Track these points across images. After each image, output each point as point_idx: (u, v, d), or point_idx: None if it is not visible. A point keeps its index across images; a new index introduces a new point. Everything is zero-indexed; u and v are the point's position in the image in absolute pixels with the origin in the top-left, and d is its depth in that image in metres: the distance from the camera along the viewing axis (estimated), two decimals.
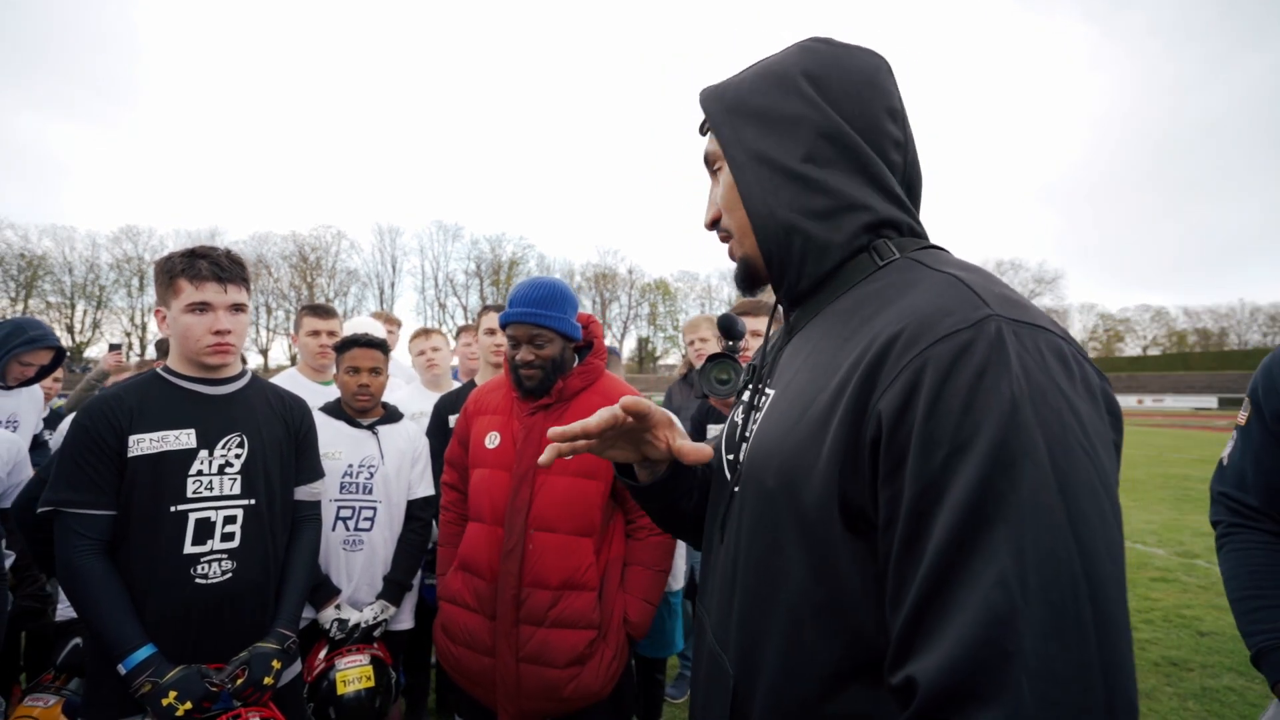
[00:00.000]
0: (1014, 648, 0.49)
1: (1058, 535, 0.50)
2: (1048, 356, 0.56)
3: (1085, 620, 0.49)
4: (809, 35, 0.83)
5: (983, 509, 0.52)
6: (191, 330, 1.58)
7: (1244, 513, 1.31)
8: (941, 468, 0.54)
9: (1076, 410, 0.54)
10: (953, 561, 0.52)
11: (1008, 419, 0.52)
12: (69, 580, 1.46)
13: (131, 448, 1.52)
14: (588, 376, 1.90)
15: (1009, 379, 0.54)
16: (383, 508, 2.37)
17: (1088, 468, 0.53)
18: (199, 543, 1.55)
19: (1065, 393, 0.54)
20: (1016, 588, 0.49)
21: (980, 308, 0.58)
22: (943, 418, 0.55)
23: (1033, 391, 0.53)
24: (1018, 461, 0.52)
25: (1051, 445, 0.52)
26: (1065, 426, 0.53)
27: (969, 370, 0.55)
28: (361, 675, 2.05)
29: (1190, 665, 3.73)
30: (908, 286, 0.67)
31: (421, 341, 3.29)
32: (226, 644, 1.57)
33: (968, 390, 0.54)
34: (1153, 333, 78.46)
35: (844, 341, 0.68)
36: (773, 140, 0.76)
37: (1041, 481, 0.51)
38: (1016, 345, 0.55)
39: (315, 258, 65.46)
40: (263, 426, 1.71)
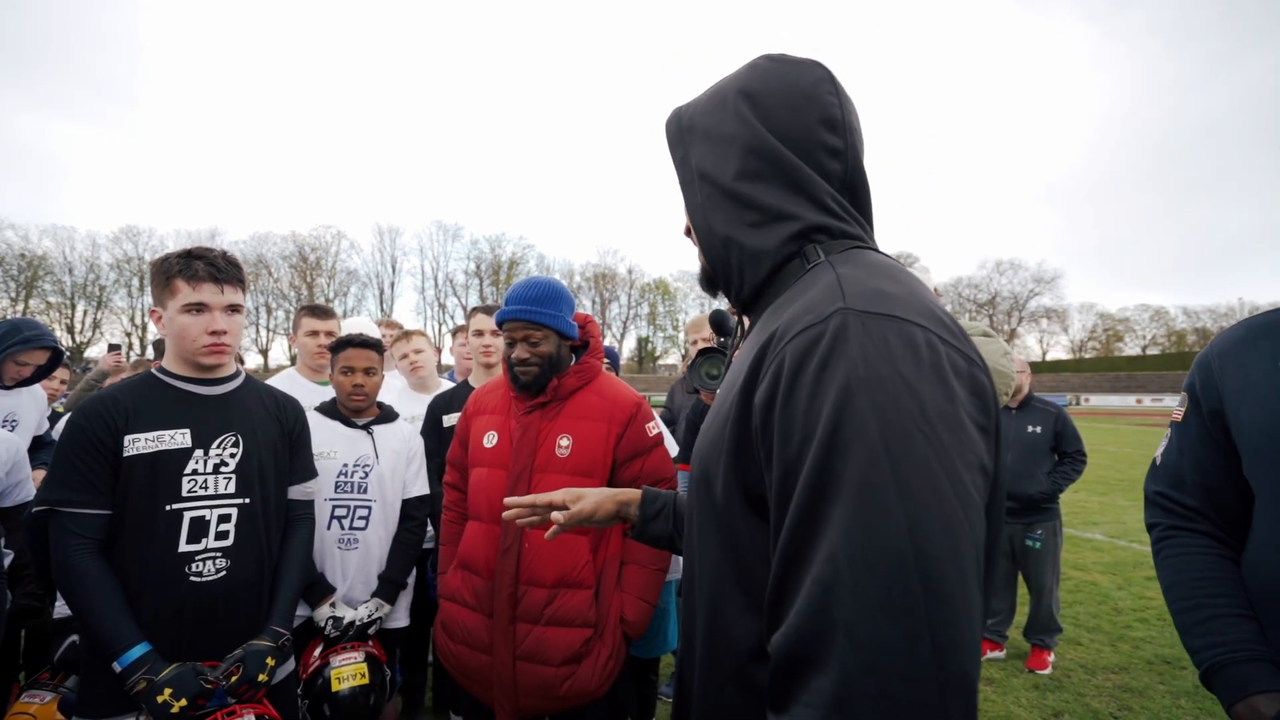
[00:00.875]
0: (840, 617, 0.53)
1: (886, 512, 0.54)
2: (893, 344, 0.59)
3: (913, 593, 0.52)
4: (762, 54, 0.86)
5: (822, 490, 0.56)
6: (188, 330, 1.59)
7: (1181, 514, 1.21)
8: (796, 454, 0.59)
9: (917, 393, 0.57)
10: (798, 540, 0.58)
11: (842, 405, 0.57)
12: (64, 579, 1.48)
13: (127, 447, 1.54)
14: (584, 375, 1.91)
15: (846, 367, 0.58)
16: (378, 507, 2.39)
17: (922, 448, 0.55)
18: (194, 541, 1.56)
19: (906, 378, 0.57)
20: (844, 562, 0.54)
21: (835, 302, 0.63)
22: (794, 407, 0.60)
23: (870, 378, 0.57)
24: (850, 444, 0.56)
25: (885, 428, 0.55)
26: (901, 410, 0.56)
27: (814, 362, 0.60)
28: (356, 673, 2.06)
29: (1183, 663, 3.75)
30: (805, 287, 0.72)
31: (404, 344, 3.26)
32: (221, 642, 1.58)
33: (812, 381, 0.59)
34: (1152, 332, 78.40)
35: (753, 344, 0.73)
36: (712, 159, 0.81)
37: (871, 462, 0.55)
38: (861, 335, 0.59)
39: (315, 258, 65.46)
40: (257, 426, 1.72)
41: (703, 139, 0.83)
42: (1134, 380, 60.38)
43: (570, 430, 1.84)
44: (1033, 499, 3.79)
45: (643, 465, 1.88)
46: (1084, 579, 5.38)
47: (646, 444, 1.91)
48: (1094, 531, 7.11)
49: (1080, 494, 9.26)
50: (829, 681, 0.53)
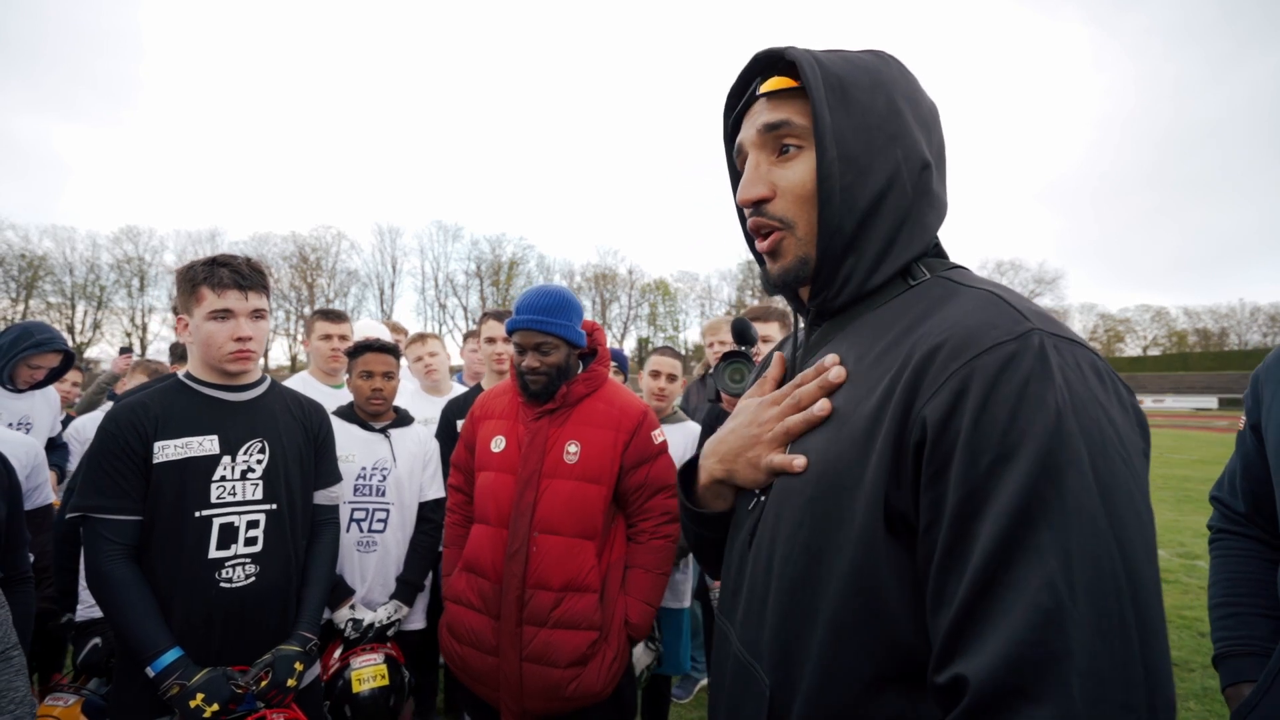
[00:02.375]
0: (1062, 648, 0.51)
1: (1101, 539, 0.53)
2: (1086, 370, 0.59)
3: (1129, 621, 0.52)
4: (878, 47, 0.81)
5: (1029, 514, 0.54)
6: (214, 337, 1.61)
7: (1232, 518, 1.31)
8: (987, 473, 0.56)
9: (1114, 421, 0.57)
10: (1000, 564, 0.54)
11: (1053, 428, 0.55)
12: (98, 585, 1.50)
13: (156, 454, 1.56)
14: (592, 383, 1.94)
15: (1054, 390, 0.56)
16: (395, 510, 2.41)
17: (1125, 475, 0.55)
18: (223, 547, 1.58)
19: (1103, 404, 0.57)
20: (1064, 589, 0.52)
21: (1022, 322, 0.61)
22: (989, 425, 0.57)
23: (1075, 402, 0.56)
24: (1063, 469, 0.54)
25: (1093, 454, 0.55)
26: (1105, 436, 0.56)
27: (1015, 380, 0.57)
28: (376, 674, 2.08)
29: (1191, 665, 3.77)
30: (943, 301, 0.69)
31: (418, 347, 3.31)
32: (249, 646, 1.60)
33: (1015, 399, 0.56)
34: (1153, 333, 78.44)
35: (882, 354, 0.69)
36: (867, 148, 0.73)
37: (1085, 488, 0.54)
38: (1058, 358, 0.58)
39: (315, 258, 65.48)
40: (283, 432, 1.74)
41: (859, 116, 0.73)
42: (1135, 381, 60.39)
43: (578, 437, 1.87)
44: None
45: (648, 473, 1.91)
46: None
47: (652, 452, 1.94)
48: None
49: None
50: (1048, 714, 0.50)
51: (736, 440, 0.83)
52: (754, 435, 0.80)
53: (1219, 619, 1.24)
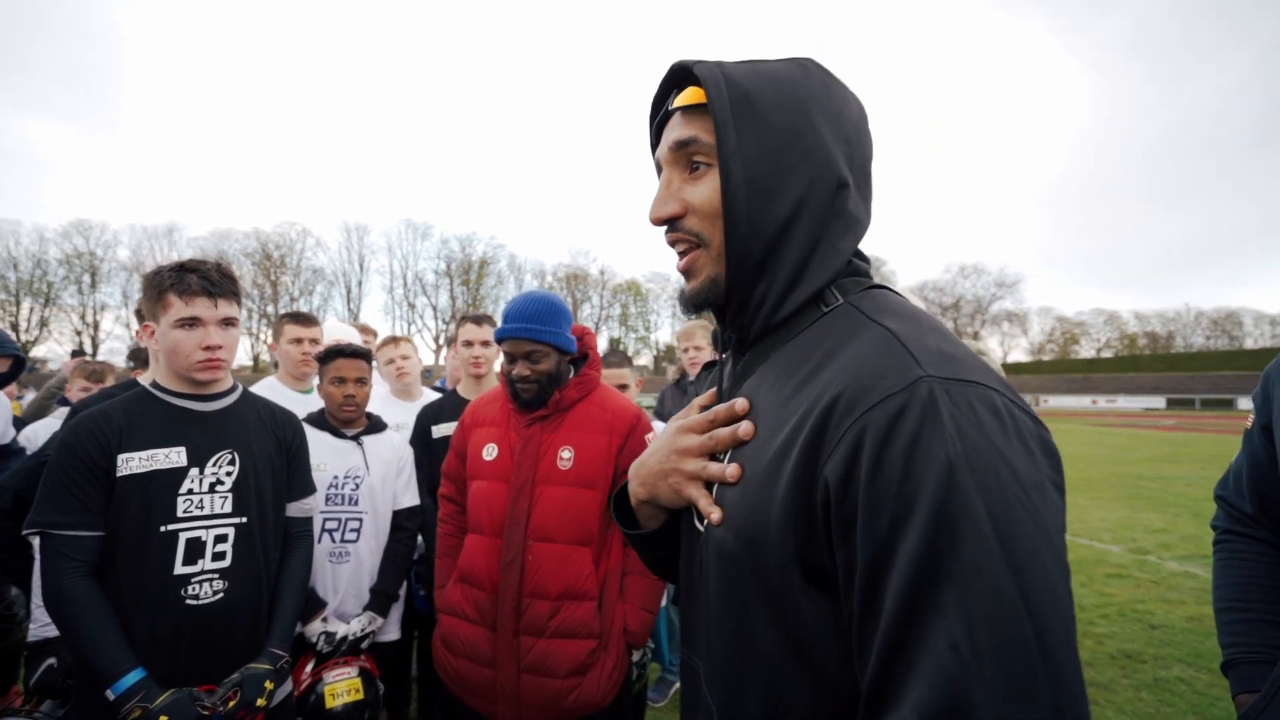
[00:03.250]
0: (969, 708, 0.50)
1: (1003, 594, 0.52)
2: (980, 412, 0.57)
3: (1037, 675, 0.51)
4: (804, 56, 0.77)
5: (928, 572, 0.53)
6: (181, 346, 1.56)
7: (1238, 518, 1.28)
8: (888, 532, 0.55)
9: (1012, 465, 0.55)
10: (906, 624, 0.54)
11: (945, 482, 0.54)
12: (55, 604, 1.43)
13: (120, 467, 1.49)
14: (584, 388, 1.93)
15: (943, 441, 0.55)
16: (369, 519, 2.36)
17: (1026, 522, 0.54)
18: (190, 563, 1.53)
19: (1000, 449, 0.56)
20: (967, 650, 0.51)
21: (912, 369, 0.60)
22: (884, 484, 0.56)
23: (967, 451, 0.55)
24: (958, 524, 0.53)
25: (990, 504, 0.53)
26: (1002, 483, 0.54)
27: (904, 435, 0.56)
28: (350, 688, 2.04)
29: (1143, 657, 3.93)
30: (847, 338, 0.68)
31: (391, 349, 3.26)
32: (218, 665, 1.55)
33: (905, 456, 0.55)
34: (1106, 335, 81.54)
35: (789, 397, 0.69)
36: (775, 168, 0.71)
37: (982, 542, 0.52)
38: (949, 405, 0.57)
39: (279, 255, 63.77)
40: (254, 443, 1.69)
41: (766, 134, 0.71)
42: (1089, 382, 62.60)
43: (571, 442, 1.85)
44: None
45: None
46: None
47: None
48: None
49: None
50: None
51: (656, 464, 0.83)
52: (673, 466, 0.80)
53: (1227, 624, 1.21)
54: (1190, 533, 7.16)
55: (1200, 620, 4.54)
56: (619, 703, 1.87)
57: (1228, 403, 45.79)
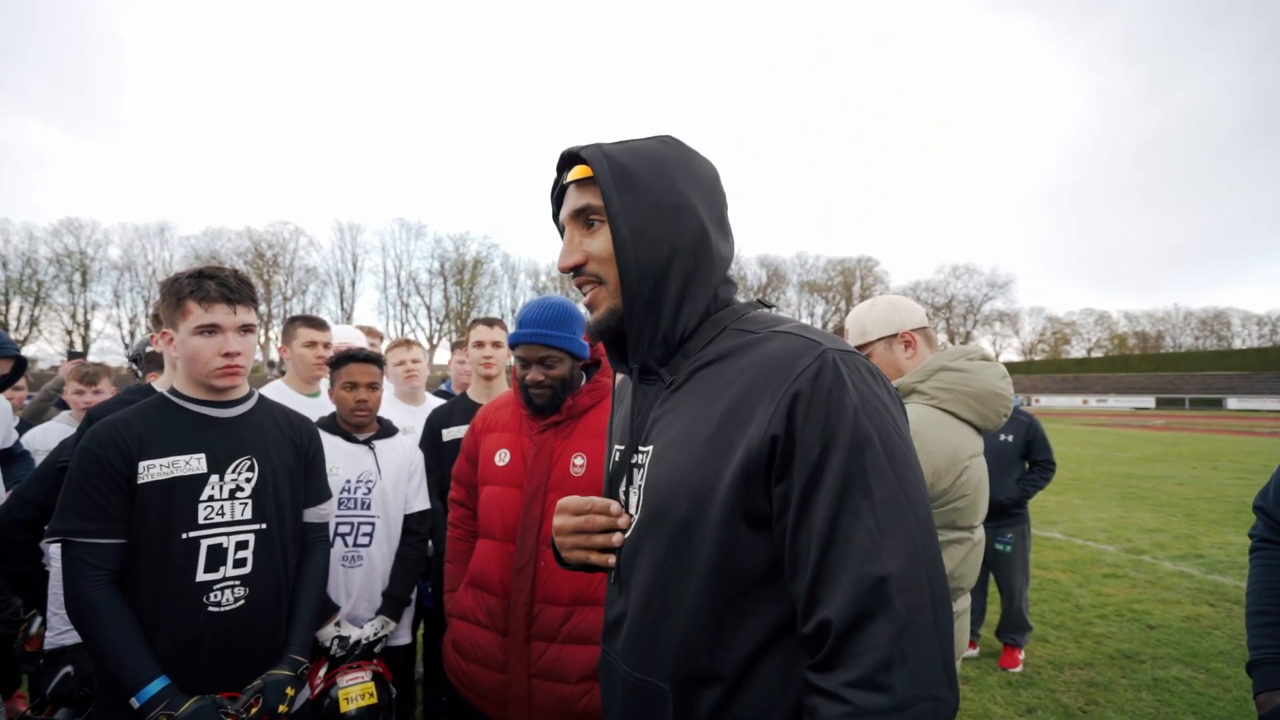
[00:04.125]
0: (886, 572, 0.72)
1: (894, 491, 0.75)
2: (864, 373, 0.82)
3: (916, 543, 0.74)
4: (666, 134, 0.99)
5: (848, 486, 0.75)
6: (200, 353, 1.56)
7: (1276, 528, 1.33)
8: (817, 462, 0.77)
9: (889, 408, 0.81)
10: (834, 526, 0.75)
11: (853, 421, 0.77)
12: (78, 612, 1.43)
13: (141, 474, 1.49)
14: (596, 394, 1.93)
15: (848, 393, 0.78)
16: (381, 523, 2.36)
17: (902, 445, 0.79)
18: (211, 570, 1.53)
19: (880, 398, 0.81)
20: (876, 532, 0.73)
21: (818, 346, 0.82)
22: (814, 426, 0.77)
23: (863, 399, 0.78)
24: (863, 449, 0.76)
25: (881, 434, 0.77)
26: (884, 422, 0.79)
27: (823, 390, 0.78)
28: (364, 692, 2.04)
29: (1142, 657, 3.98)
30: (756, 345, 0.88)
31: (402, 352, 3.26)
32: (239, 671, 1.55)
33: (825, 404, 0.78)
34: (1097, 335, 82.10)
35: (719, 395, 0.87)
36: (653, 223, 0.90)
37: (877, 459, 0.76)
38: (846, 368, 0.80)
39: (272, 255, 63.31)
40: (272, 449, 1.69)
41: (643, 197, 0.90)
42: (1080, 382, 63.06)
43: (584, 449, 1.86)
44: (1002, 505, 3.96)
45: None
46: (1046, 577, 5.63)
47: None
48: (1053, 530, 7.43)
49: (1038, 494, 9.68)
50: (888, 623, 0.70)
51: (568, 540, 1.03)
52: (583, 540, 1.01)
53: (1257, 626, 1.27)
54: (1183, 532, 7.25)
55: (1196, 620, 4.60)
56: None
57: (1216, 402, 46.22)
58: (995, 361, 1.84)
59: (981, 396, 1.75)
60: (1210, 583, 5.46)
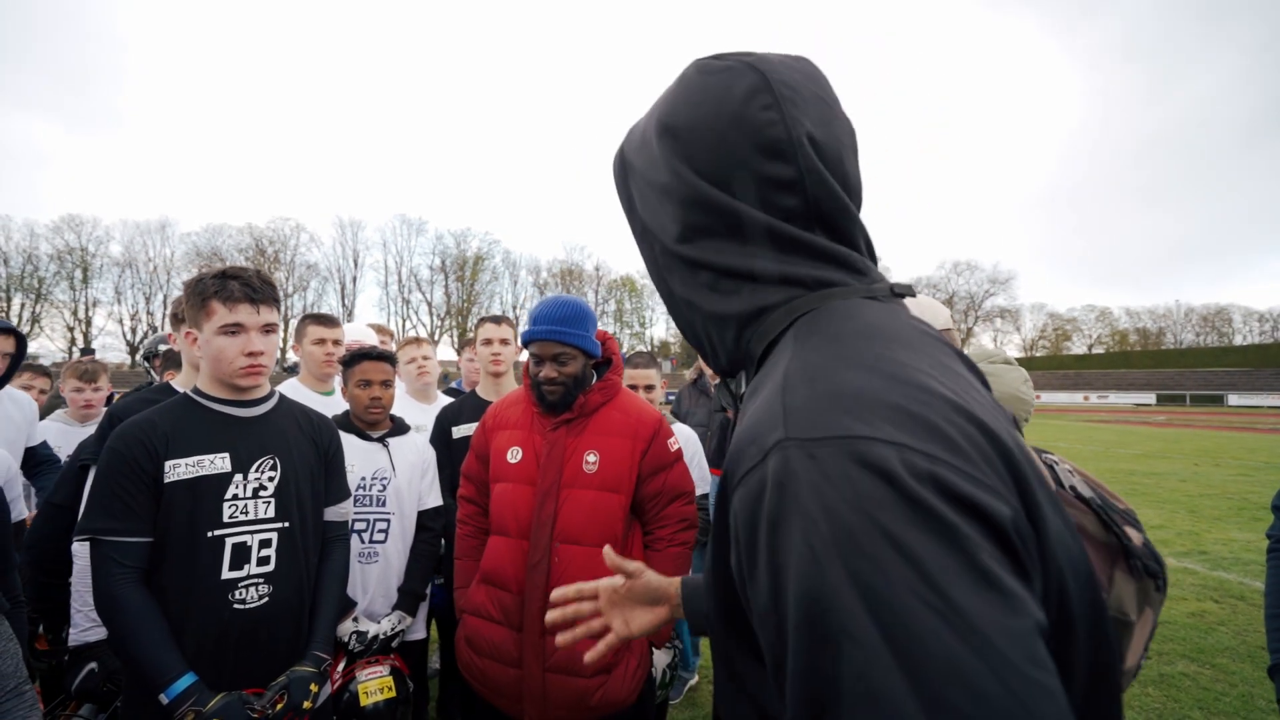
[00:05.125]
0: None
1: (902, 709, 0.38)
2: (856, 480, 0.43)
3: None
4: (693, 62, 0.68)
5: (819, 700, 0.42)
6: (225, 352, 1.57)
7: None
8: (775, 644, 0.46)
9: (904, 547, 0.41)
10: None
11: (809, 586, 0.42)
12: (107, 610, 1.45)
13: (168, 473, 1.51)
14: (608, 392, 1.95)
15: (801, 528, 0.43)
16: (396, 519, 2.38)
17: (937, 625, 0.39)
18: (236, 568, 1.55)
19: (886, 528, 0.41)
20: None
21: (775, 430, 0.48)
22: (758, 592, 0.47)
23: (837, 538, 0.42)
24: (834, 640, 0.41)
25: (875, 607, 0.40)
26: (889, 578, 0.40)
27: (763, 526, 0.46)
28: (382, 686, 2.06)
29: (1148, 654, 3.99)
30: (766, 379, 0.58)
31: (413, 349, 3.30)
32: (262, 668, 1.57)
33: (767, 554, 0.45)
34: (1098, 332, 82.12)
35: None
36: (651, 214, 0.69)
37: (869, 661, 0.39)
38: (812, 476, 0.44)
39: (273, 251, 63.39)
40: (294, 448, 1.71)
41: (642, 184, 0.70)
42: (1081, 378, 63.08)
43: (597, 446, 1.87)
44: None
45: (665, 480, 1.93)
46: None
47: (669, 459, 1.96)
48: None
49: None
50: None
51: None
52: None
53: (1274, 629, 1.27)
54: (1187, 529, 7.26)
55: (1201, 616, 4.61)
56: (642, 700, 1.91)
57: (1217, 398, 46.25)
58: (1016, 365, 1.85)
59: (1005, 400, 1.76)
60: (1214, 579, 5.48)
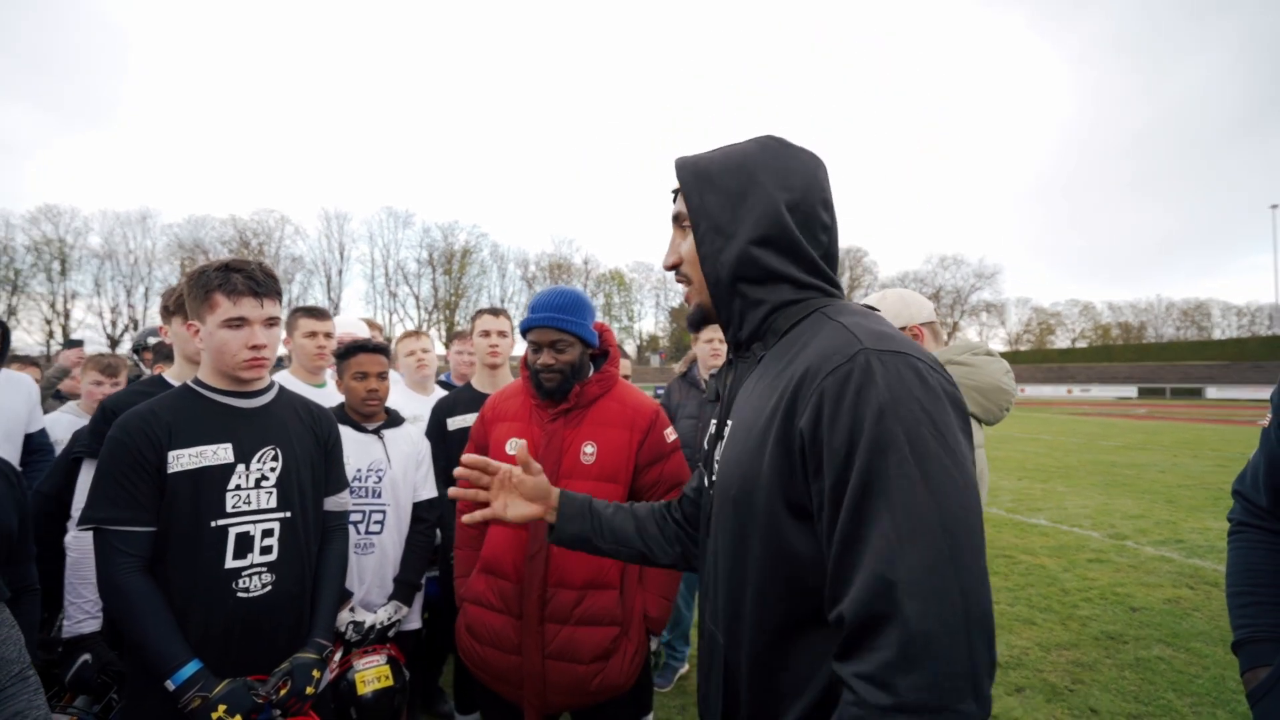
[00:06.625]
0: (896, 577, 0.71)
1: (918, 496, 0.72)
2: (904, 372, 0.79)
3: (943, 552, 0.71)
4: (767, 134, 1.03)
5: (868, 487, 0.74)
6: (228, 345, 1.59)
7: (1254, 511, 1.33)
8: (843, 463, 0.77)
9: (926, 408, 0.77)
10: (854, 527, 0.75)
11: (876, 421, 0.75)
12: (113, 598, 1.46)
13: (171, 464, 1.52)
14: (605, 383, 1.98)
15: (876, 393, 0.77)
16: (391, 511, 2.41)
17: (936, 448, 0.75)
18: (239, 557, 1.57)
19: (918, 397, 0.77)
20: (893, 536, 0.72)
21: (854, 344, 0.82)
22: (839, 428, 0.77)
23: (893, 399, 0.76)
24: (887, 450, 0.74)
25: (909, 436, 0.74)
26: (917, 421, 0.75)
27: (850, 392, 0.78)
28: (379, 675, 2.09)
29: (1125, 638, 4.11)
30: (814, 335, 0.89)
31: (412, 342, 3.34)
32: (265, 656, 1.59)
33: (851, 406, 0.77)
34: (1081, 326, 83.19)
35: (774, 381, 0.90)
36: (729, 217, 0.97)
37: (903, 462, 0.73)
38: (881, 368, 0.78)
39: (257, 243, 62.47)
40: (294, 439, 1.72)
41: (720, 195, 0.98)
42: (1065, 371, 63.88)
43: (594, 437, 1.90)
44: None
45: (662, 470, 1.96)
46: (1034, 563, 5.77)
47: (666, 450, 1.99)
48: (1038, 517, 7.59)
49: (1023, 481, 9.86)
50: (896, 627, 0.70)
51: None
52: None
53: (1239, 607, 1.28)
54: (1164, 518, 7.43)
55: (1177, 602, 4.75)
56: (639, 685, 1.95)
57: (1196, 392, 47.08)
58: (998, 357, 1.91)
59: (986, 390, 1.81)
60: (1190, 566, 5.62)
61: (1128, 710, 3.25)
